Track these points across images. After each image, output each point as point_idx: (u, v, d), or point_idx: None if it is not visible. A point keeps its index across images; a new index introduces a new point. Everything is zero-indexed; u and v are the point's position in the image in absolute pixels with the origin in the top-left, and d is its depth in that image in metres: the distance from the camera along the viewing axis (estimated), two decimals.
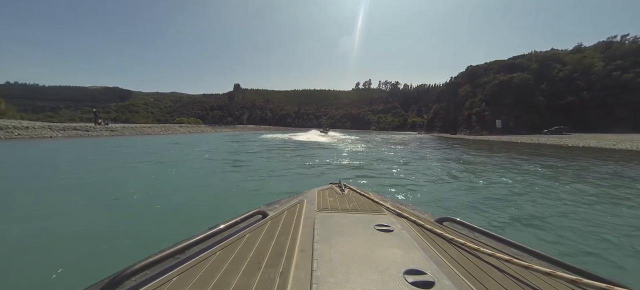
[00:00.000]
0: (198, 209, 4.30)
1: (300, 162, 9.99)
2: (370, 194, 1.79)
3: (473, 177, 7.50)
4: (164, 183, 6.06)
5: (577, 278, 0.81)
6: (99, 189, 5.43)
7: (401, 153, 14.62)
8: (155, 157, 10.26)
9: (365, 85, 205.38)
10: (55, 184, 5.78)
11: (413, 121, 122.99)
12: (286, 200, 1.69)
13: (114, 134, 25.08)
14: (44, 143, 15.18)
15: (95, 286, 0.80)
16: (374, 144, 21.73)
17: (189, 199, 4.81)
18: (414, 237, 1.09)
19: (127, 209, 4.18)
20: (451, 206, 4.63)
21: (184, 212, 4.07)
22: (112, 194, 4.99)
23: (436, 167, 9.46)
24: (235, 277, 0.80)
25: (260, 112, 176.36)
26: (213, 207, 4.43)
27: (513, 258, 0.92)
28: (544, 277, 0.85)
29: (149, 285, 0.76)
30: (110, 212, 4.05)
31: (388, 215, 1.37)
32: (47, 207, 4.20)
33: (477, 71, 67.65)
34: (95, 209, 4.21)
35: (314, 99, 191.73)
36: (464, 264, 0.91)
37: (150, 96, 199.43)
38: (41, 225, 3.45)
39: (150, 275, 0.82)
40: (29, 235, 3.18)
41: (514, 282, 0.82)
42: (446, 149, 18.60)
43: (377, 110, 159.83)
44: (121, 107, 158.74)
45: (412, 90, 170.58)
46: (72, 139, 18.98)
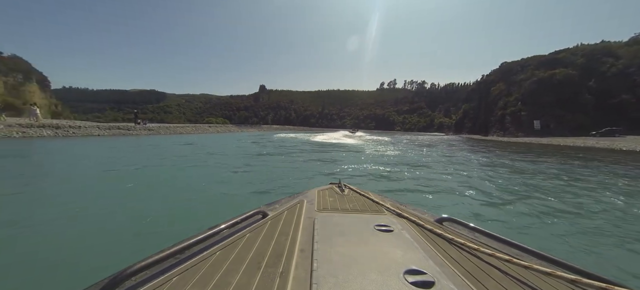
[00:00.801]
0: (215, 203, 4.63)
1: (318, 169, 8.69)
2: (370, 194, 1.79)
3: (547, 196, 5.47)
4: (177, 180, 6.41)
5: (577, 278, 0.81)
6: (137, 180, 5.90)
7: (436, 157, 13.17)
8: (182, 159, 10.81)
9: (390, 85, 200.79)
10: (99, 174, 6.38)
11: (440, 122, 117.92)
12: (286, 200, 1.68)
13: (151, 133, 26.92)
14: (93, 140, 16.79)
15: (95, 286, 0.80)
16: (403, 146, 20.85)
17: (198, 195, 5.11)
18: (414, 237, 1.09)
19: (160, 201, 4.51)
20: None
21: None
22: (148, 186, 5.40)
23: (487, 177, 7.74)
24: (235, 277, 0.80)
25: (284, 113, 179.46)
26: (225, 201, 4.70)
27: (513, 258, 0.92)
28: (544, 277, 0.85)
29: (149, 285, 0.76)
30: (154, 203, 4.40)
31: (388, 215, 1.37)
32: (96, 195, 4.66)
33: (512, 68, 63.14)
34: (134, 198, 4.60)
35: (338, 100, 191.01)
36: (464, 264, 0.91)
37: (182, 97, 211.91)
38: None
39: (150, 275, 0.82)
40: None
41: (514, 282, 0.83)
42: (483, 152, 17.23)
43: (402, 110, 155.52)
44: (157, 108, 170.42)
45: (440, 90, 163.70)
46: (116, 137, 20.69)
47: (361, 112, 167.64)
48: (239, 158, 10.67)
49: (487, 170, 9.02)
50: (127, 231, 3.28)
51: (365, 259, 0.89)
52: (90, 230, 3.27)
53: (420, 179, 7.13)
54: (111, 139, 18.89)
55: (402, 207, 1.60)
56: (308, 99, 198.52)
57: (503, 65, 68.69)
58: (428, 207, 4.62)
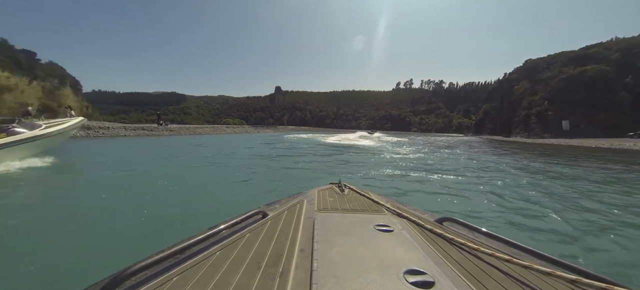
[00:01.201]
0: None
1: (328, 173, 7.87)
2: (370, 194, 1.78)
3: (606, 208, 4.76)
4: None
5: (577, 278, 0.81)
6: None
7: (463, 161, 11.89)
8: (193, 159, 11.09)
9: (406, 85, 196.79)
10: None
11: (459, 122, 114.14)
12: (286, 200, 1.68)
13: (172, 134, 27.99)
14: (120, 140, 17.71)
15: (95, 286, 0.80)
16: (423, 148, 19.98)
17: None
18: (414, 237, 1.09)
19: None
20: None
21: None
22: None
23: (527, 186, 6.62)
24: (235, 277, 0.80)
25: (299, 114, 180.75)
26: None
27: (513, 258, 0.92)
28: (544, 277, 0.86)
29: (149, 285, 0.76)
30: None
31: (388, 215, 1.37)
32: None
33: (537, 65, 59.96)
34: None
35: (353, 100, 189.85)
36: (464, 264, 0.91)
37: (201, 99, 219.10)
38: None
39: (150, 275, 0.82)
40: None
41: (514, 282, 0.83)
42: (510, 154, 16.12)
43: (418, 111, 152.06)
44: (177, 110, 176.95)
45: (458, 89, 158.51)
46: (141, 137, 21.69)
47: (377, 113, 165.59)
48: (252, 160, 10.61)
49: (522, 178, 7.86)
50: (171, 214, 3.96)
51: (365, 259, 0.89)
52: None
53: (452, 188, 6.12)
54: (136, 139, 19.81)
55: (402, 207, 1.59)
56: (323, 99, 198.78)
57: (527, 62, 65.42)
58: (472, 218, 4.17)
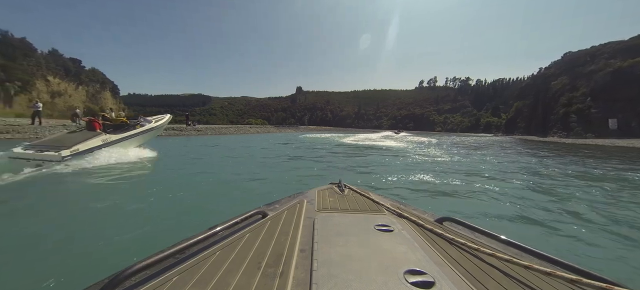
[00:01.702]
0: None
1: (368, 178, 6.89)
2: (370, 194, 1.76)
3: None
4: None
5: (578, 278, 0.81)
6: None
7: (505, 165, 10.33)
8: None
9: (430, 83, 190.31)
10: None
11: (487, 121, 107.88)
12: (286, 200, 1.67)
13: (200, 134, 29.28)
14: (153, 140, 18.87)
15: (95, 286, 0.80)
16: (452, 149, 18.49)
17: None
18: (414, 237, 1.08)
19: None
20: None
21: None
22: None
23: (606, 200, 5.17)
24: (235, 277, 0.80)
25: (320, 114, 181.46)
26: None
27: (513, 258, 0.92)
28: (545, 277, 0.85)
29: (149, 285, 0.76)
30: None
31: (388, 215, 1.36)
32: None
33: (578, 58, 55.20)
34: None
35: (374, 99, 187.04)
36: (464, 264, 0.91)
37: (225, 100, 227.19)
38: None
39: (150, 275, 0.82)
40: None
41: (514, 282, 0.83)
42: (550, 156, 14.52)
43: (443, 109, 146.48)
44: (203, 111, 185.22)
45: (487, 86, 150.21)
46: (171, 137, 22.94)
47: (399, 112, 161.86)
48: (273, 160, 10.45)
49: (589, 187, 6.26)
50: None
51: (365, 259, 0.89)
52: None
53: (514, 202, 4.79)
54: (167, 138, 21.02)
55: (402, 207, 1.57)
56: (344, 99, 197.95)
57: (567, 55, 60.57)
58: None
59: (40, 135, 14.24)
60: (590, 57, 52.39)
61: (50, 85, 44.08)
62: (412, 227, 1.22)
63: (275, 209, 1.48)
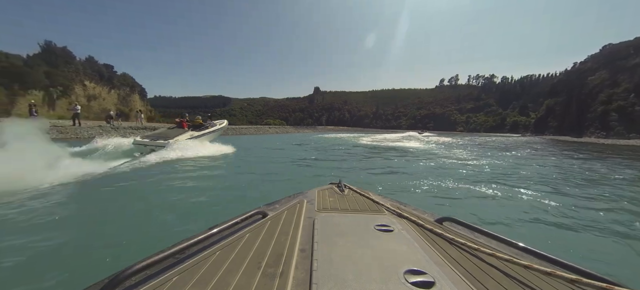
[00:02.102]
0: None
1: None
2: (370, 194, 1.76)
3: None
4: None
5: (578, 278, 0.81)
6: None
7: (538, 166, 9.40)
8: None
9: (451, 82, 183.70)
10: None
11: (514, 121, 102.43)
12: (286, 200, 1.66)
13: (221, 134, 30.21)
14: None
15: (95, 286, 0.80)
16: (478, 149, 17.43)
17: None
18: (414, 237, 1.09)
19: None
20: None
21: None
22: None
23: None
24: (235, 277, 0.81)
25: (338, 114, 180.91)
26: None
27: (513, 258, 0.92)
28: (545, 277, 0.85)
29: (149, 285, 0.76)
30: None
31: (388, 215, 1.36)
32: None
33: (620, 51, 50.83)
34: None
35: (393, 99, 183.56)
36: (464, 264, 0.91)
37: (244, 101, 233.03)
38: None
39: (150, 275, 0.82)
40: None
41: (514, 282, 0.83)
42: (593, 159, 12.79)
43: (465, 108, 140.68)
44: (223, 112, 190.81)
45: (513, 84, 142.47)
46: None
47: (418, 112, 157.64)
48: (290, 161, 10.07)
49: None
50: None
51: (365, 259, 0.89)
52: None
53: (576, 223, 3.67)
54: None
55: (402, 207, 1.56)
56: (362, 99, 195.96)
57: (606, 48, 55.99)
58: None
59: (80, 135, 15.33)
60: (635, 50, 48.09)
61: (87, 90, 47.39)
62: (412, 227, 1.22)
63: (275, 209, 1.48)
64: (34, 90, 34.17)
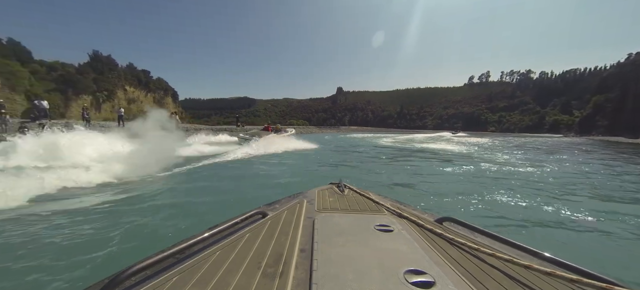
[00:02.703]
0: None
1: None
2: (370, 194, 1.75)
3: None
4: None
5: (578, 278, 0.81)
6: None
7: (613, 177, 7.61)
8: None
9: (481, 79, 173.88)
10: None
11: (554, 120, 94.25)
12: (286, 200, 1.66)
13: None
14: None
15: (95, 286, 0.80)
16: (524, 151, 15.57)
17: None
18: (414, 237, 1.09)
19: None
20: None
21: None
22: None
23: None
24: (235, 277, 0.81)
25: (361, 114, 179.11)
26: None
27: (513, 258, 0.91)
28: (545, 277, 0.85)
29: (149, 285, 0.76)
30: None
31: (388, 216, 1.36)
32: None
33: None
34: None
35: (418, 98, 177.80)
36: (465, 264, 0.91)
37: (268, 102, 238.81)
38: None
39: (150, 275, 0.82)
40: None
41: (514, 283, 0.83)
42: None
43: (497, 107, 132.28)
44: (248, 112, 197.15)
45: (554, 79, 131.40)
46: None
47: (445, 111, 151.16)
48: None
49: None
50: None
51: (365, 259, 0.89)
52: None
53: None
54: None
55: (402, 207, 1.55)
56: (386, 99, 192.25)
57: None
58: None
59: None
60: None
61: (127, 94, 51.34)
62: (412, 227, 1.21)
63: (275, 209, 1.48)
64: (84, 95, 37.66)
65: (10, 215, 3.34)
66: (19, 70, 27.52)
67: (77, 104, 35.04)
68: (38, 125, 14.06)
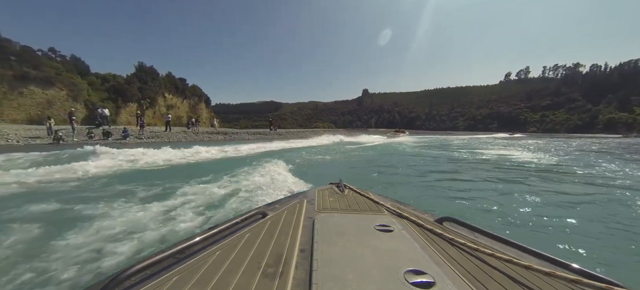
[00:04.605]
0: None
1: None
2: (370, 194, 1.74)
3: None
4: None
5: (578, 278, 0.80)
6: None
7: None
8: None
9: (520, 75, 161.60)
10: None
11: (610, 118, 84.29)
12: (286, 201, 1.66)
13: (281, 137, 31.57)
14: (248, 143, 21.11)
15: (96, 286, 0.80)
16: (581, 154, 13.16)
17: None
18: (414, 237, 1.09)
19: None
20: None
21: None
22: None
23: None
24: (235, 277, 0.80)
25: (388, 116, 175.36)
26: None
27: (513, 258, 0.91)
28: (545, 277, 0.85)
29: (149, 286, 0.76)
30: None
31: (388, 216, 1.37)
32: None
33: None
34: None
35: (448, 98, 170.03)
36: (464, 264, 0.91)
37: (294, 106, 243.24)
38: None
39: (150, 275, 0.82)
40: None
41: (514, 283, 0.83)
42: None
43: (538, 106, 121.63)
44: (275, 116, 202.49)
45: (607, 73, 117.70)
46: (259, 141, 25.28)
47: (479, 112, 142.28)
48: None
49: None
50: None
51: (365, 259, 0.89)
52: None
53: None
54: (256, 143, 23.25)
55: (402, 207, 1.55)
56: (413, 99, 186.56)
57: None
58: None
59: (173, 139, 17.63)
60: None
61: (167, 100, 55.15)
62: (412, 227, 1.21)
63: (275, 209, 1.46)
64: (131, 103, 41.05)
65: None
66: (80, 83, 30.71)
67: (126, 111, 38.27)
68: (102, 131, 15.60)
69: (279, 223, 1.24)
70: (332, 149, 15.54)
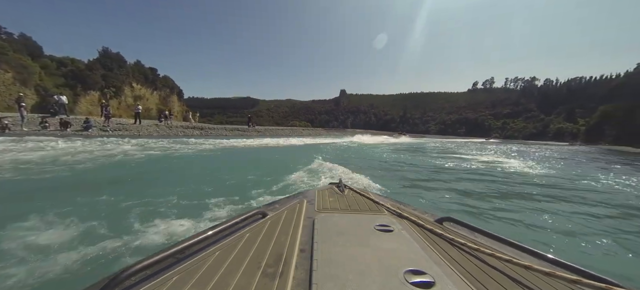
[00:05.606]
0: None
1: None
2: (370, 194, 1.74)
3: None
4: None
5: (578, 278, 0.80)
6: None
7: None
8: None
9: (486, 85, 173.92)
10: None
11: (559, 128, 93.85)
12: (286, 200, 1.65)
13: (260, 134, 30.72)
14: (226, 138, 20.18)
15: (96, 286, 0.79)
16: (542, 160, 14.58)
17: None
18: (414, 238, 1.09)
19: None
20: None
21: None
22: None
23: None
24: (235, 277, 0.80)
25: (364, 117, 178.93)
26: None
27: (513, 258, 0.91)
28: (545, 278, 0.85)
29: (148, 286, 0.76)
30: None
31: (388, 216, 1.37)
32: None
33: None
34: None
35: (421, 102, 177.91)
36: (465, 264, 0.91)
37: (271, 103, 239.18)
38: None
39: (150, 275, 0.82)
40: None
41: (514, 283, 0.83)
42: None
43: (500, 113, 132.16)
44: (251, 113, 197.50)
45: (559, 87, 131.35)
46: (237, 138, 24.33)
47: (449, 117, 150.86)
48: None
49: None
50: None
51: (365, 259, 0.89)
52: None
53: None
54: (237, 139, 22.33)
55: (402, 207, 1.55)
56: (389, 102, 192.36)
57: None
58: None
59: (143, 132, 16.24)
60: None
61: (134, 91, 51.07)
62: (412, 227, 1.21)
63: (275, 209, 1.46)
64: (92, 91, 37.36)
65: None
66: (30, 65, 27.22)
67: (86, 100, 34.74)
68: (59, 120, 13.80)
69: (279, 223, 1.23)
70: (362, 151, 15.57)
